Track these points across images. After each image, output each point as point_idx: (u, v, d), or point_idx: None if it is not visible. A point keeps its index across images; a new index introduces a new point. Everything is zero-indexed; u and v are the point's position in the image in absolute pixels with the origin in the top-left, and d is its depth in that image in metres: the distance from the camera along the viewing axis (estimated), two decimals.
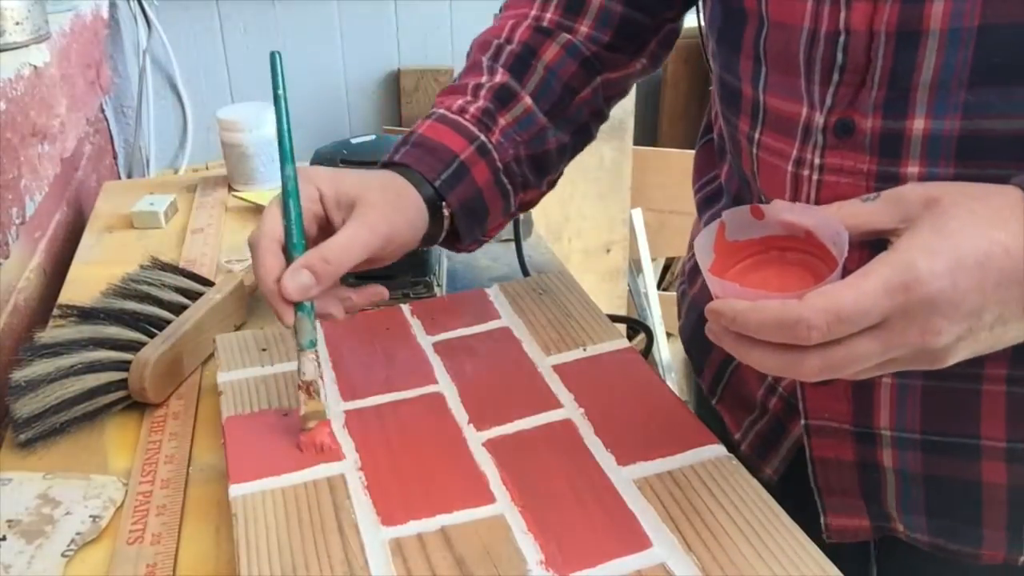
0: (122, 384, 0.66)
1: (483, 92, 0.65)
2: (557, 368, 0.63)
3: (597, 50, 0.67)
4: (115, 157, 1.56)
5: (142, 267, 0.78)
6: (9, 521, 0.56)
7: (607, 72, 0.68)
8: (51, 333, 0.68)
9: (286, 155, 0.57)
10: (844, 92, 0.50)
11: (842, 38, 0.49)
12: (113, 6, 1.54)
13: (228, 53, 1.72)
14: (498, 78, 0.65)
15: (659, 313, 1.95)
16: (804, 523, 0.57)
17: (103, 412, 0.66)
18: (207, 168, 1.70)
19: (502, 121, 0.64)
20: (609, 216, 1.89)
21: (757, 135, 0.57)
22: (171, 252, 0.92)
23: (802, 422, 0.60)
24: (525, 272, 0.83)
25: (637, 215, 1.92)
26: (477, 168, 0.62)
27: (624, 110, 1.80)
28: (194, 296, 0.75)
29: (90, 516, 0.56)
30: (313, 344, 0.55)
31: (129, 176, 1.62)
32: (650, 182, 1.91)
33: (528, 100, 0.65)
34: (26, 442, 0.63)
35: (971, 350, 0.41)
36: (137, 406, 0.67)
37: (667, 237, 1.97)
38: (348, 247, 0.54)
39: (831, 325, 0.39)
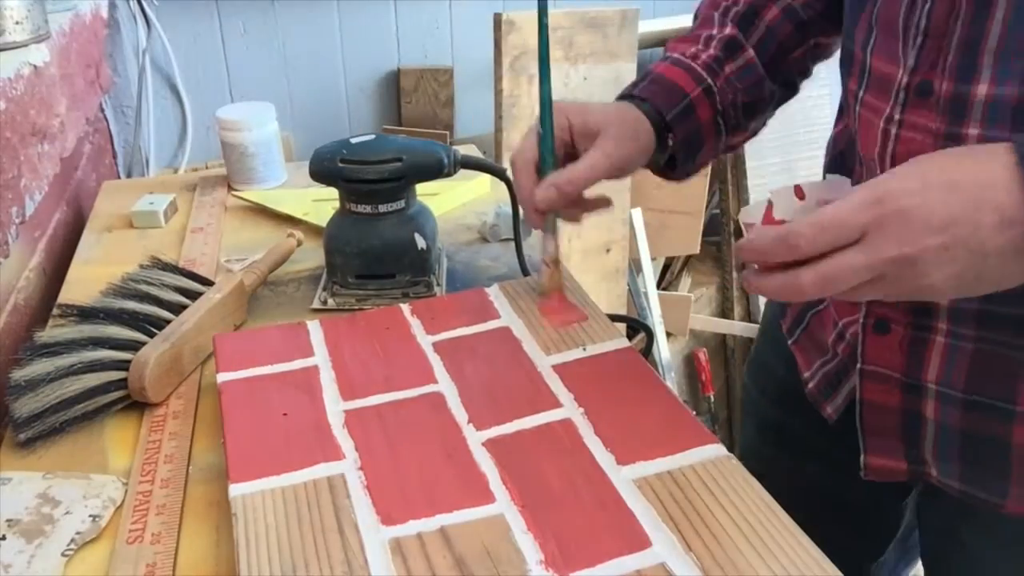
0: (122, 384, 0.66)
1: (714, 42, 0.73)
2: (557, 368, 0.63)
3: (812, 15, 0.73)
4: (115, 157, 1.56)
5: (142, 267, 0.78)
6: (9, 520, 0.56)
7: (819, 36, 0.75)
8: (51, 333, 0.68)
9: (544, 75, 0.65)
10: (926, 56, 0.56)
11: (928, 5, 0.55)
12: (113, 6, 1.54)
13: (228, 53, 1.72)
14: (727, 31, 0.73)
15: (659, 313, 1.95)
16: (851, 464, 0.69)
17: (103, 412, 0.66)
18: (207, 168, 1.70)
19: (727, 69, 0.72)
20: (609, 216, 1.89)
21: (861, 94, 0.62)
22: (171, 252, 0.92)
23: (858, 366, 0.66)
24: (525, 272, 0.83)
25: (637, 215, 1.92)
26: (702, 107, 0.71)
27: None
28: (194, 296, 0.75)
29: (90, 515, 0.56)
30: (555, 229, 0.69)
31: (129, 176, 1.62)
32: (650, 182, 1.88)
33: (751, 52, 0.73)
34: (26, 441, 0.63)
35: (954, 273, 0.46)
36: (137, 406, 0.67)
37: (667, 237, 1.97)
38: (590, 170, 0.65)
39: (816, 234, 0.46)
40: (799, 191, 0.51)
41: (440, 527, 0.49)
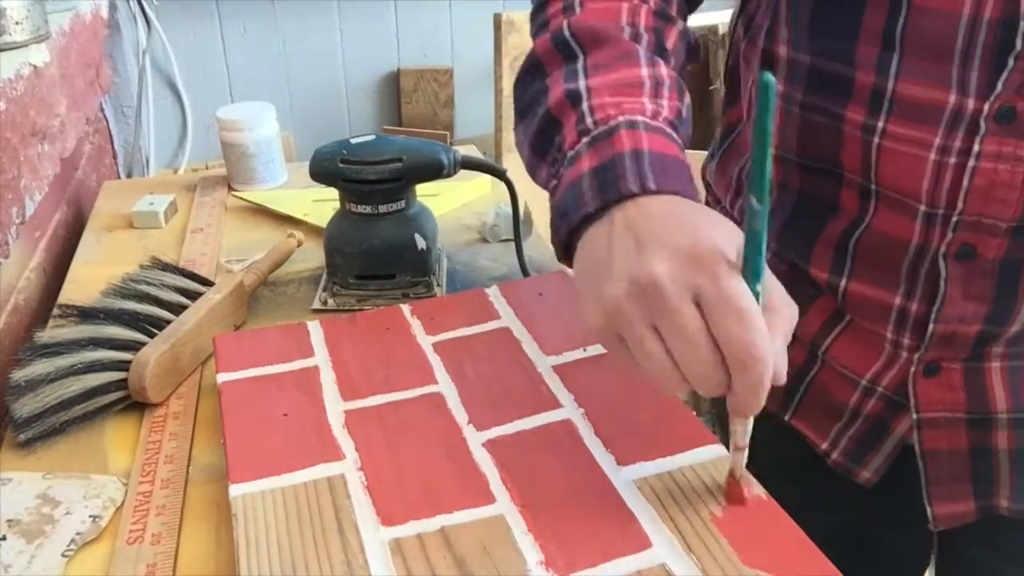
0: (122, 384, 0.66)
1: (664, 91, 0.59)
2: (557, 368, 0.63)
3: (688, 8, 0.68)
4: (115, 157, 1.56)
5: (142, 267, 0.78)
6: (9, 521, 0.56)
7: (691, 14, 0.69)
8: (51, 333, 0.68)
9: (761, 193, 0.43)
10: (1015, 78, 0.51)
11: (1022, 24, 0.50)
12: (113, 6, 1.54)
13: (228, 53, 1.72)
14: (665, 71, 0.60)
15: None
16: (906, 516, 0.63)
17: (103, 412, 0.66)
18: (207, 168, 1.71)
19: (684, 113, 0.60)
20: None
21: (880, 124, 0.56)
22: (171, 252, 0.92)
23: (913, 416, 0.62)
24: (525, 272, 0.83)
25: None
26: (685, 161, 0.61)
27: None
28: (194, 296, 0.75)
29: (90, 516, 0.56)
30: None
31: (129, 176, 1.63)
32: None
33: (680, 82, 0.61)
34: (26, 442, 0.63)
35: None
36: (137, 406, 0.67)
37: None
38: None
39: None
40: None
41: (440, 527, 0.49)
